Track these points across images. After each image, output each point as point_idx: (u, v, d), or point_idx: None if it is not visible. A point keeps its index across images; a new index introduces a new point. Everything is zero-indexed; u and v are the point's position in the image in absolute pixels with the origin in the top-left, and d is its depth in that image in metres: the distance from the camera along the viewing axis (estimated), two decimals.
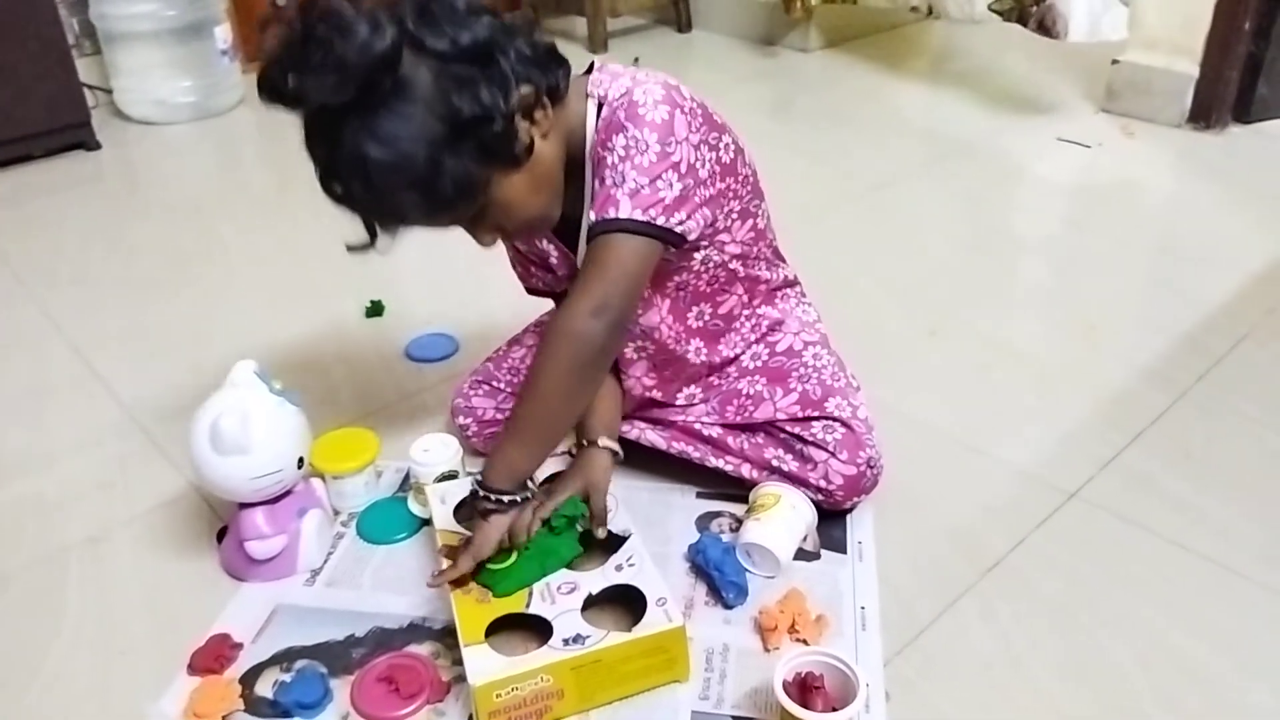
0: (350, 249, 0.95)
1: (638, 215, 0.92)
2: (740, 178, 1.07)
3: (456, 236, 1.11)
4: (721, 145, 1.02)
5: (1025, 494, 1.20)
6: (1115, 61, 2.42)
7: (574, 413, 1.02)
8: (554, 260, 1.10)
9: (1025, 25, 2.41)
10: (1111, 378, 1.42)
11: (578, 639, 0.90)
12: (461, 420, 1.25)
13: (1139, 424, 1.31)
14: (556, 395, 0.96)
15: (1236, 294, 1.64)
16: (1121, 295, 1.70)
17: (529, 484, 1.02)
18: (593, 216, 0.94)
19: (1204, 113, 2.32)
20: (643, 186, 0.93)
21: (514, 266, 1.17)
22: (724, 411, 1.17)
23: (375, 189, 0.87)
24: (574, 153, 0.98)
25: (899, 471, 1.16)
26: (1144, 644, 0.99)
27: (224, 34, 2.59)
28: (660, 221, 0.93)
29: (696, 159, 0.96)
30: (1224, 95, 2.31)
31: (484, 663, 0.88)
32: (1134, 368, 1.44)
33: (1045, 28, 2.37)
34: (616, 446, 1.11)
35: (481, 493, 0.98)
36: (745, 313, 1.17)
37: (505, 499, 0.98)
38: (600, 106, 0.97)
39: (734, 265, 1.11)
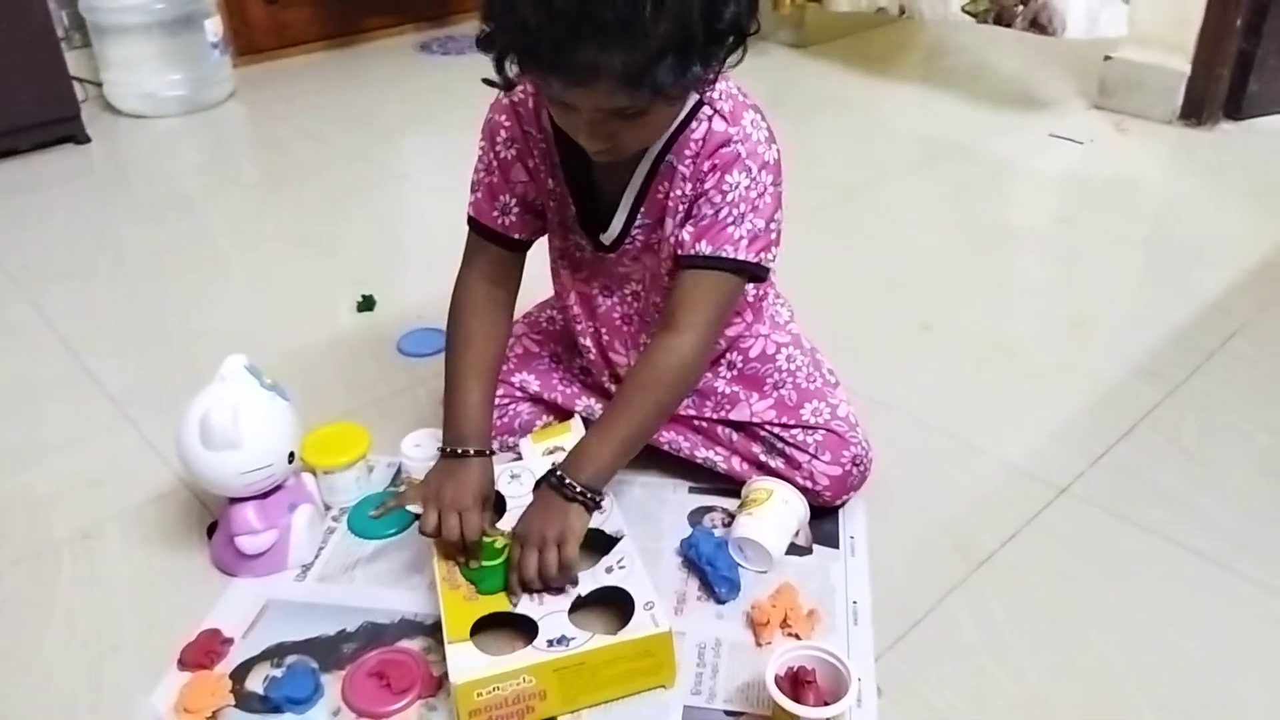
0: (486, 82, 0.93)
1: (750, 258, 0.98)
2: None
3: (450, 230, 1.11)
4: None
5: (1017, 489, 1.20)
6: (1108, 58, 2.42)
7: (650, 435, 1.06)
8: (552, 202, 1.07)
9: (1007, 26, 2.41)
10: (1103, 373, 1.43)
11: (562, 640, 0.90)
12: None
13: (1130, 419, 1.32)
14: (658, 419, 1.03)
15: (1228, 290, 1.64)
16: (1113, 291, 1.71)
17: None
18: (706, 248, 0.97)
19: (1196, 109, 2.33)
20: (760, 231, 0.99)
21: (478, 190, 1.08)
22: (701, 407, 1.16)
23: (635, 19, 0.79)
24: None
25: (891, 467, 1.16)
26: (1134, 639, 0.99)
27: (214, 27, 2.58)
28: (764, 261, 1.01)
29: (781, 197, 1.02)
30: (1216, 92, 2.32)
31: (466, 661, 0.88)
32: (1126, 363, 1.45)
33: (1040, 25, 2.38)
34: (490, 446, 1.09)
35: (573, 483, 0.97)
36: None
37: (591, 496, 0.97)
38: (699, 104, 0.98)
39: None
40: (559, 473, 0.98)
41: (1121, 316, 1.62)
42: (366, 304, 1.63)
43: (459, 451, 1.03)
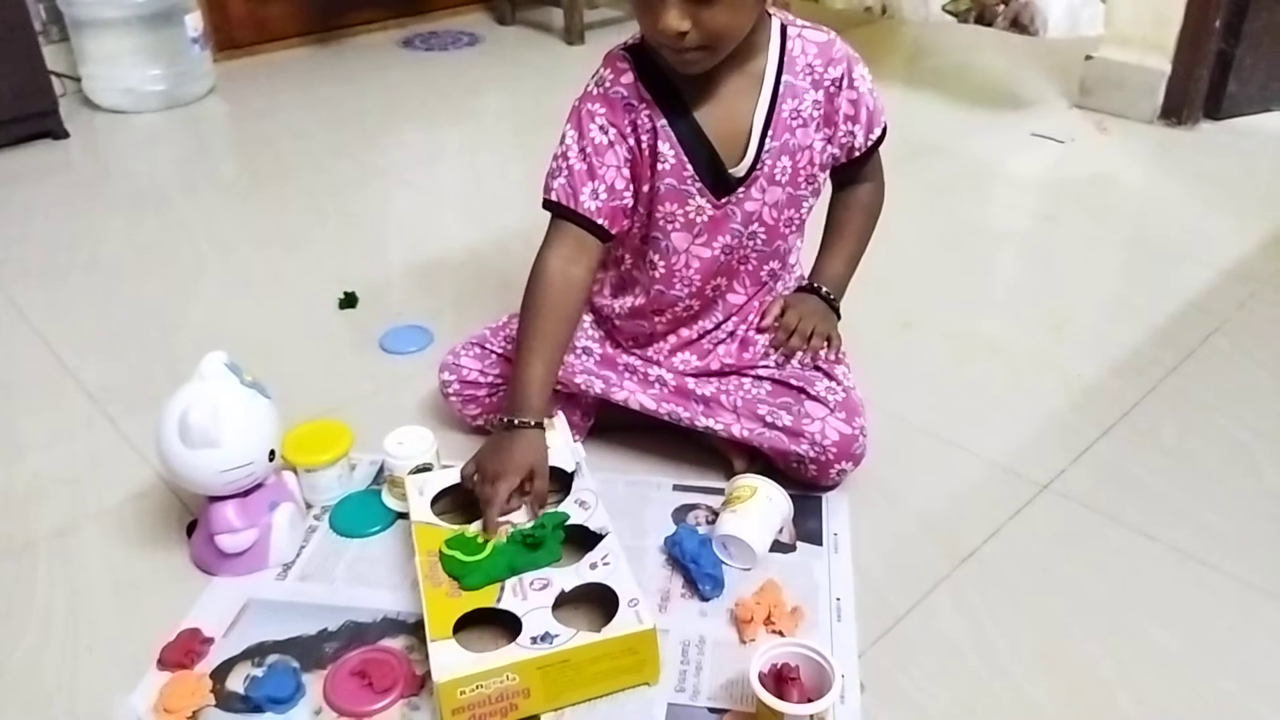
0: None
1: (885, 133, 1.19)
2: None
3: (428, 228, 1.10)
4: None
5: (998, 486, 1.21)
6: (1088, 58, 2.44)
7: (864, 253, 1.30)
8: (661, 171, 1.09)
9: (988, 25, 2.42)
10: (1083, 370, 1.44)
11: (546, 637, 0.89)
12: (445, 376, 1.24)
13: (1110, 417, 1.33)
14: (866, 240, 1.29)
15: (1208, 288, 1.66)
16: (1094, 289, 1.72)
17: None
18: (875, 134, 1.17)
19: (1176, 109, 2.35)
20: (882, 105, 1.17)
21: (561, 176, 1.09)
22: (740, 355, 1.21)
23: None
24: (745, 46, 1.06)
25: (874, 464, 1.16)
26: (1115, 635, 1.00)
27: (194, 22, 2.55)
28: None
29: None
30: (1196, 91, 2.34)
31: (449, 658, 0.87)
32: (1105, 361, 1.46)
33: (1021, 25, 2.39)
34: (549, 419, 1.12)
35: (825, 290, 1.26)
36: (786, 270, 1.27)
37: (834, 299, 1.26)
38: (784, 28, 1.10)
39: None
40: (813, 282, 1.25)
41: (1101, 314, 1.63)
42: (348, 301, 1.62)
43: (510, 422, 1.06)
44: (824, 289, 1.23)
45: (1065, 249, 1.84)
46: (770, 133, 1.09)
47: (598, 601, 0.95)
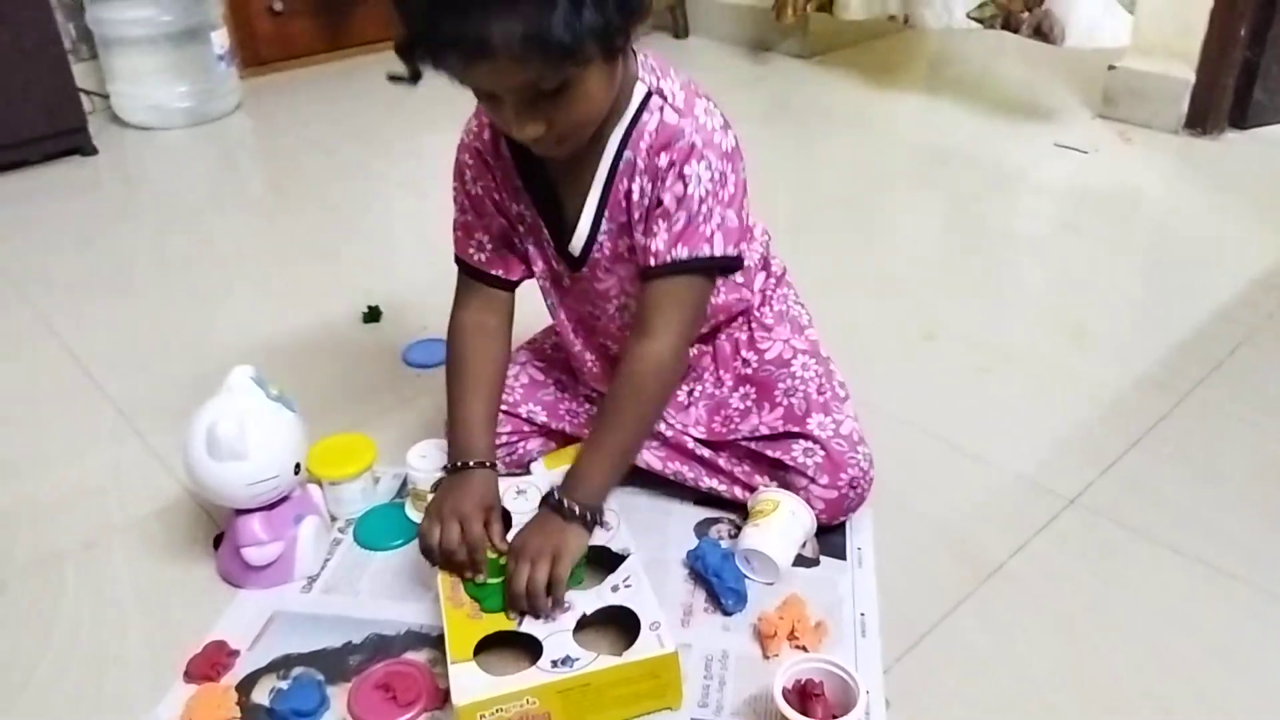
0: (391, 78, 0.89)
1: (729, 251, 0.96)
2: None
3: (451, 243, 1.11)
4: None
5: (1024, 499, 1.20)
6: (1112, 67, 2.43)
7: (641, 445, 1.08)
8: (520, 234, 1.07)
9: (1013, 32, 2.41)
10: (1109, 382, 1.42)
11: (567, 661, 0.89)
12: None
13: (1137, 429, 1.31)
14: (643, 426, 1.03)
15: (1234, 299, 1.64)
16: (1119, 300, 1.70)
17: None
18: (683, 252, 0.95)
19: (1201, 118, 2.33)
20: (731, 224, 0.96)
21: (457, 230, 1.10)
22: (710, 422, 1.15)
23: None
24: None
25: (898, 477, 1.16)
26: (1143, 651, 0.98)
27: (220, 39, 2.59)
28: (734, 253, 0.98)
29: (743, 182, 0.99)
30: (1220, 101, 2.32)
31: (469, 681, 0.87)
32: (1132, 373, 1.44)
33: (1042, 33, 2.38)
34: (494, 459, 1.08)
35: (575, 504, 0.97)
36: (745, 314, 1.18)
37: (595, 517, 0.98)
38: (649, 95, 0.96)
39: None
40: (556, 493, 0.99)
41: (1127, 325, 1.62)
42: (372, 315, 1.63)
43: (461, 465, 1.04)
44: (565, 501, 0.97)
45: (1089, 259, 1.82)
46: (606, 212, 1.00)
47: (619, 624, 0.94)
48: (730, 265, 0.99)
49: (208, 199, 2.26)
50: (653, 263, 0.96)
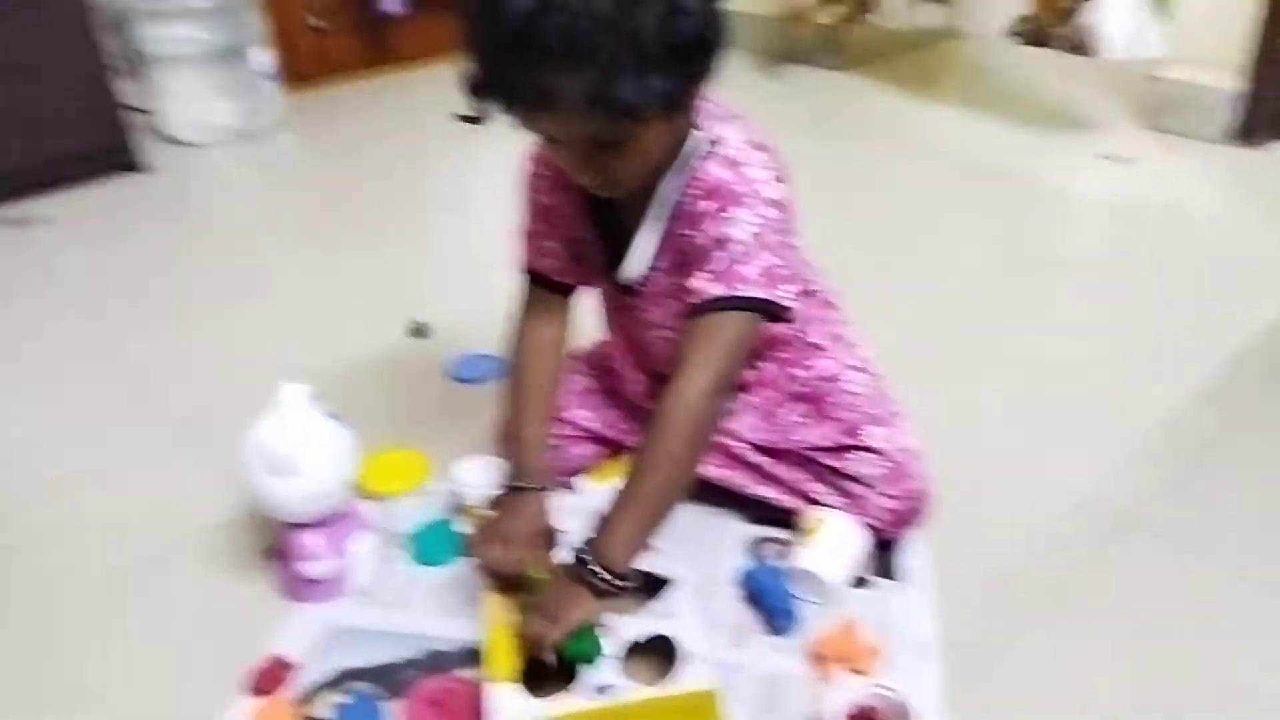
0: (459, 118, 0.91)
1: (766, 294, 0.93)
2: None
3: (500, 256, 1.12)
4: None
5: (1085, 520, 1.18)
6: (1153, 78, 2.40)
7: (683, 490, 0.98)
8: (586, 248, 1.08)
9: (1049, 47, 2.40)
10: (1166, 400, 1.40)
11: (608, 688, 0.89)
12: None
13: (1197, 447, 1.29)
14: (679, 471, 0.95)
15: None
16: (1170, 315, 1.68)
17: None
18: (720, 289, 0.92)
19: (1246, 129, 2.30)
20: (774, 267, 0.93)
21: (523, 239, 1.11)
22: (759, 429, 1.15)
23: (580, 36, 0.78)
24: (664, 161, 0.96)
25: (953, 499, 1.15)
26: (1213, 676, 0.97)
27: (264, 56, 2.63)
28: (778, 299, 0.94)
29: (792, 229, 0.98)
30: (1267, 111, 2.29)
31: (508, 704, 0.87)
32: (1187, 390, 1.42)
33: (1079, 46, 2.37)
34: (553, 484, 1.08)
35: (602, 574, 0.92)
36: (789, 333, 1.17)
37: (622, 585, 0.93)
38: (709, 143, 0.96)
39: None
40: (586, 555, 0.93)
41: (1180, 341, 1.60)
42: (419, 330, 1.65)
43: (516, 486, 1.05)
44: (591, 564, 0.93)
45: (1139, 273, 1.80)
46: (656, 252, 1.02)
47: (664, 652, 0.94)
48: (771, 309, 0.95)
49: (257, 216, 2.30)
50: (694, 300, 0.95)
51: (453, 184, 2.34)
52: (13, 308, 1.85)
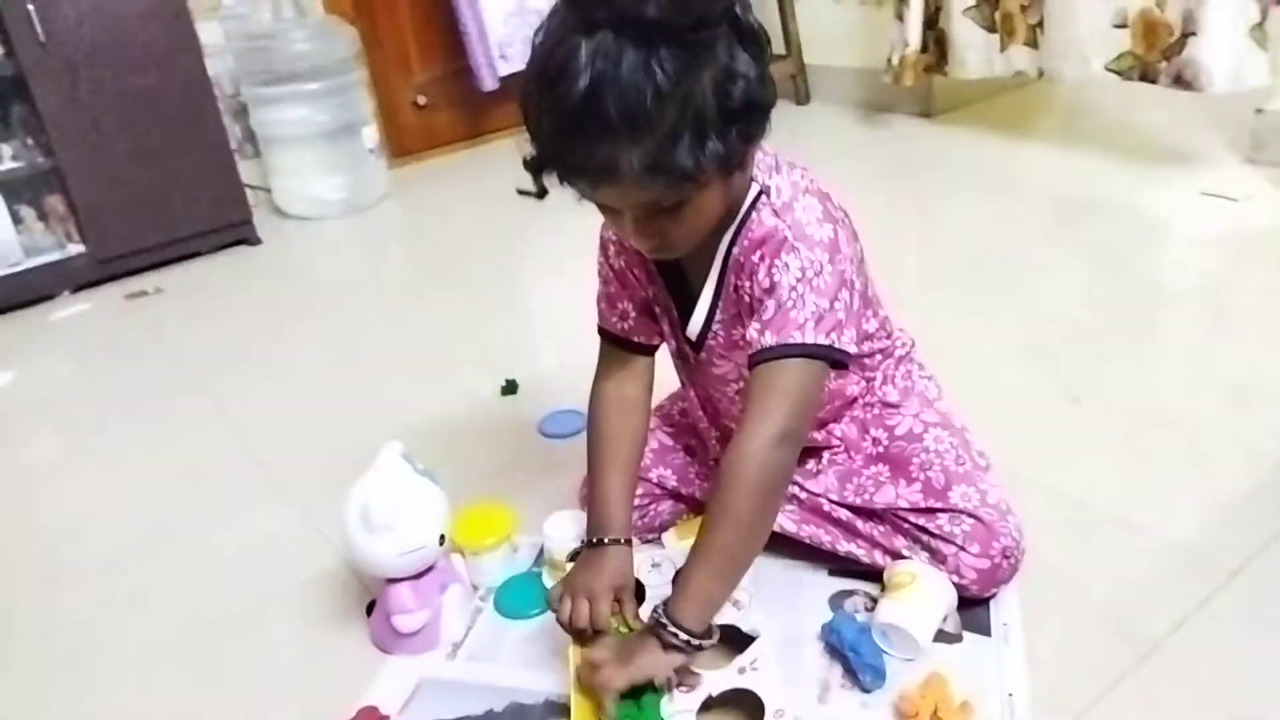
0: (521, 193, 0.95)
1: (821, 340, 0.92)
2: (860, 291, 1.06)
3: (587, 316, 1.16)
4: (856, 259, 1.02)
5: (1183, 571, 1.13)
6: (1259, 110, 2.31)
7: (762, 543, 0.97)
8: (657, 309, 1.11)
9: (1152, 82, 2.33)
10: (1268, 448, 1.33)
11: None
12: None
13: None
14: (749, 525, 0.94)
15: None
16: (1276, 358, 1.60)
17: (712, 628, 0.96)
18: (771, 339, 0.93)
19: None
20: (824, 312, 0.93)
21: (601, 301, 1.14)
22: (843, 489, 1.14)
23: (638, 110, 0.79)
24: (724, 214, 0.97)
25: (1045, 548, 1.11)
26: None
27: (371, 133, 2.79)
28: (837, 344, 0.93)
29: (850, 276, 0.97)
30: None
31: None
32: None
33: (1185, 81, 2.29)
34: (630, 535, 1.08)
35: (672, 629, 0.92)
36: (863, 396, 1.16)
37: (696, 643, 0.93)
38: (760, 194, 0.97)
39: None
40: (663, 616, 0.93)
41: None
42: (510, 388, 1.70)
43: (596, 541, 1.06)
44: (669, 625, 0.92)
45: (1244, 313, 1.72)
46: (720, 304, 1.03)
47: (745, 707, 0.93)
48: (828, 355, 0.94)
49: (361, 283, 2.42)
50: (750, 352, 0.95)
51: (542, 247, 2.41)
52: (119, 372, 1.99)
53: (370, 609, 1.19)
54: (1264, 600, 1.08)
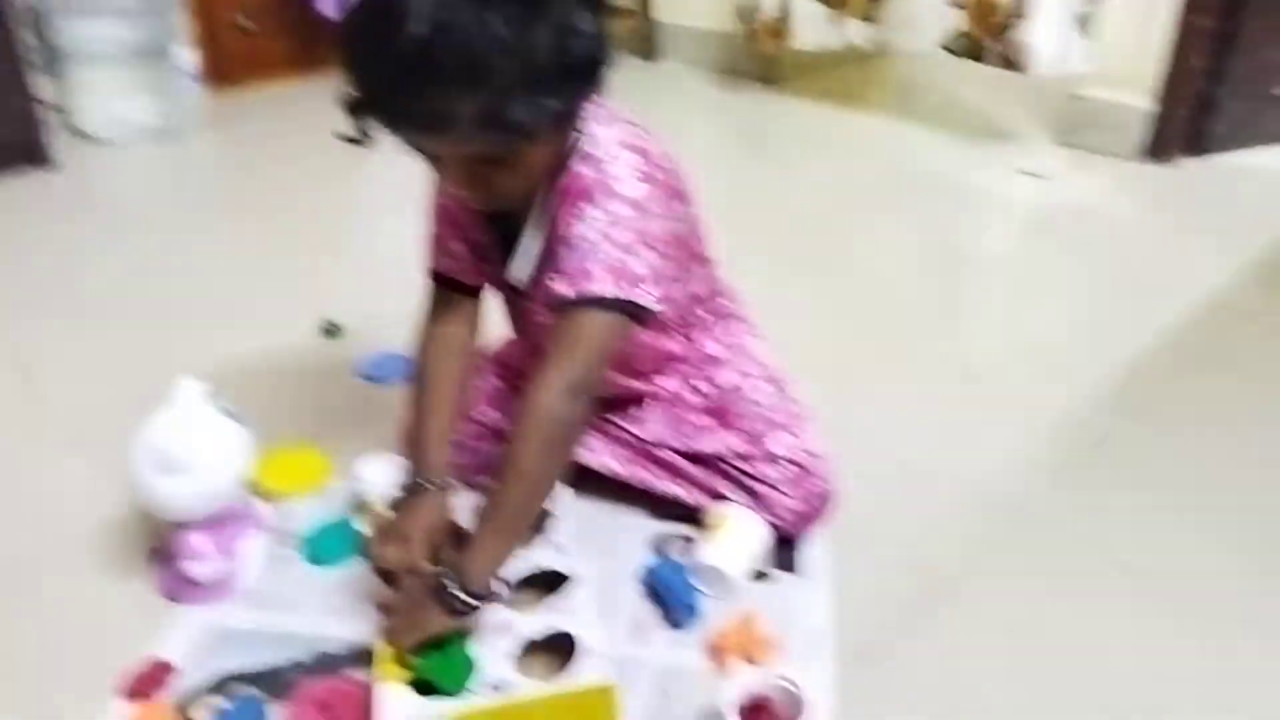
0: (341, 138, 0.88)
1: (615, 292, 0.89)
2: (688, 251, 1.06)
3: (414, 258, 1.10)
4: (679, 217, 1.01)
5: (979, 517, 1.20)
6: (1073, 96, 2.47)
7: (547, 495, 0.95)
8: (483, 251, 1.07)
9: (980, 61, 2.45)
10: (1063, 401, 1.44)
11: (502, 685, 0.87)
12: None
13: (1086, 448, 1.32)
14: (535, 480, 0.91)
15: (1186, 322, 1.66)
16: (1074, 322, 1.72)
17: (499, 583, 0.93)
18: (566, 289, 0.90)
19: (1158, 146, 2.37)
20: (618, 262, 0.90)
21: (429, 241, 1.09)
22: (665, 434, 1.15)
23: (476, 61, 0.77)
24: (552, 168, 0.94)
25: (854, 494, 1.15)
26: (1096, 667, 0.98)
27: (186, 55, 2.57)
28: (635, 298, 0.90)
29: (664, 234, 0.95)
30: (1177, 130, 2.36)
31: (399, 704, 0.85)
32: (1085, 391, 1.46)
33: (1010, 61, 2.42)
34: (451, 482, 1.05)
35: (452, 591, 0.88)
36: (686, 351, 1.17)
37: (477, 604, 0.89)
38: (579, 142, 0.93)
39: (671, 318, 1.10)
40: (447, 578, 0.89)
41: (1081, 346, 1.63)
42: (332, 331, 1.61)
43: (416, 484, 1.03)
44: (449, 586, 0.89)
45: (1046, 282, 1.85)
46: (541, 255, 0.99)
47: (561, 650, 0.93)
48: (625, 308, 0.90)
49: (167, 215, 2.23)
50: (548, 304, 0.92)
51: (371, 188, 2.30)
52: None
53: (155, 557, 1.10)
54: (1051, 542, 1.16)
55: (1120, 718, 0.93)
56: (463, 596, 0.88)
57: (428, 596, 0.90)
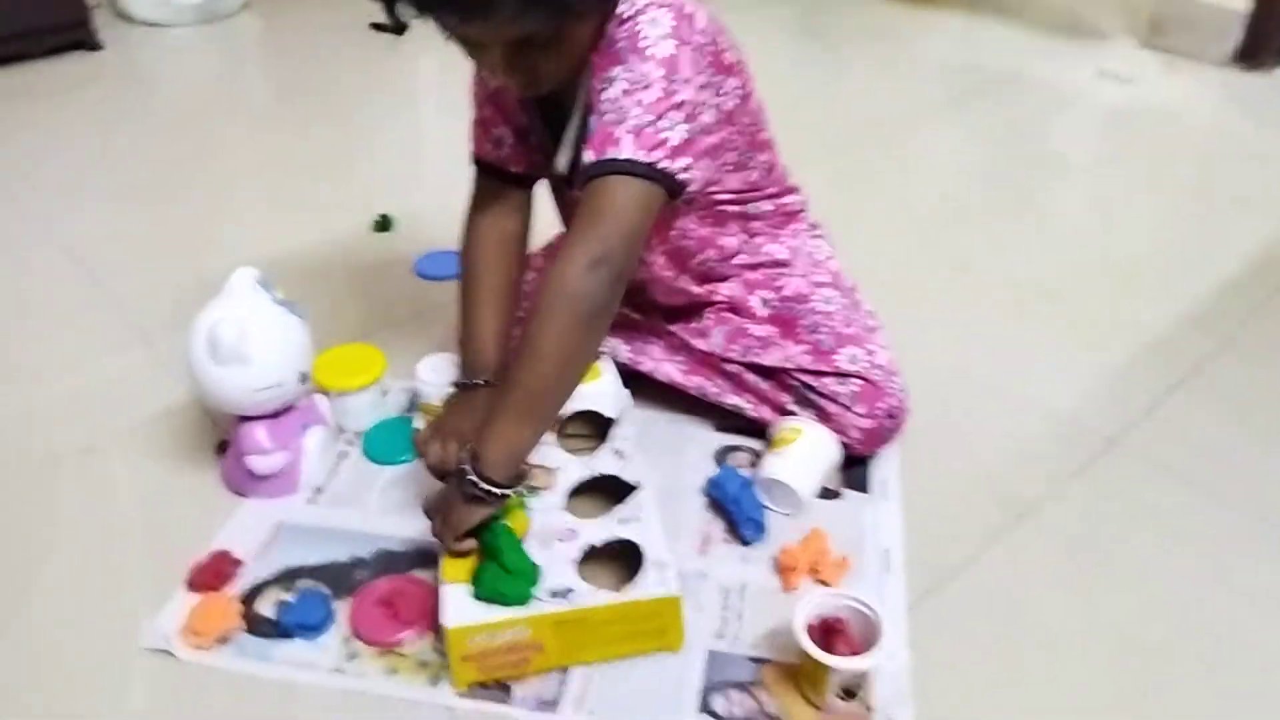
0: (375, 27, 0.85)
1: (640, 156, 0.82)
2: (740, 127, 0.99)
3: (466, 152, 1.05)
4: (725, 90, 0.94)
5: (1060, 440, 1.15)
6: None
7: (576, 381, 0.86)
8: (532, 138, 1.02)
9: None
10: (1150, 322, 1.37)
11: (566, 593, 0.85)
12: None
13: (1179, 371, 1.26)
14: (557, 362, 0.83)
15: (1277, 238, 1.57)
16: (1160, 237, 1.64)
17: (525, 470, 0.89)
18: (590, 155, 0.83)
19: (1251, 52, 2.23)
20: (646, 125, 0.83)
21: (475, 127, 1.05)
22: (728, 347, 1.11)
23: None
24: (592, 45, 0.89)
25: (927, 412, 1.11)
26: (1178, 599, 0.95)
27: None
28: (664, 165, 0.83)
29: (700, 102, 0.88)
30: (1272, 35, 2.21)
31: (461, 605, 0.84)
32: (1173, 312, 1.39)
33: None
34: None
35: (471, 478, 0.83)
36: (745, 250, 1.11)
37: (500, 493, 0.84)
38: (616, 6, 0.88)
39: (730, 209, 1.05)
40: (467, 464, 0.84)
41: (1168, 264, 1.56)
42: (383, 224, 1.58)
43: (469, 382, 1.00)
44: (468, 473, 0.84)
45: (1132, 194, 1.75)
46: (580, 137, 0.94)
47: (626, 559, 0.91)
48: (653, 175, 0.83)
49: (215, 100, 2.19)
50: (574, 173, 0.87)
51: (423, 76, 2.23)
52: None
53: (221, 449, 1.09)
54: (1135, 470, 1.11)
55: (1198, 650, 0.90)
56: (480, 483, 0.83)
57: (448, 492, 0.88)
